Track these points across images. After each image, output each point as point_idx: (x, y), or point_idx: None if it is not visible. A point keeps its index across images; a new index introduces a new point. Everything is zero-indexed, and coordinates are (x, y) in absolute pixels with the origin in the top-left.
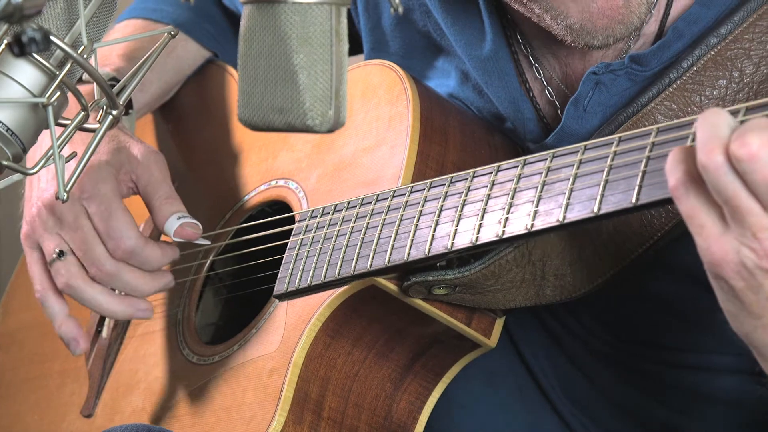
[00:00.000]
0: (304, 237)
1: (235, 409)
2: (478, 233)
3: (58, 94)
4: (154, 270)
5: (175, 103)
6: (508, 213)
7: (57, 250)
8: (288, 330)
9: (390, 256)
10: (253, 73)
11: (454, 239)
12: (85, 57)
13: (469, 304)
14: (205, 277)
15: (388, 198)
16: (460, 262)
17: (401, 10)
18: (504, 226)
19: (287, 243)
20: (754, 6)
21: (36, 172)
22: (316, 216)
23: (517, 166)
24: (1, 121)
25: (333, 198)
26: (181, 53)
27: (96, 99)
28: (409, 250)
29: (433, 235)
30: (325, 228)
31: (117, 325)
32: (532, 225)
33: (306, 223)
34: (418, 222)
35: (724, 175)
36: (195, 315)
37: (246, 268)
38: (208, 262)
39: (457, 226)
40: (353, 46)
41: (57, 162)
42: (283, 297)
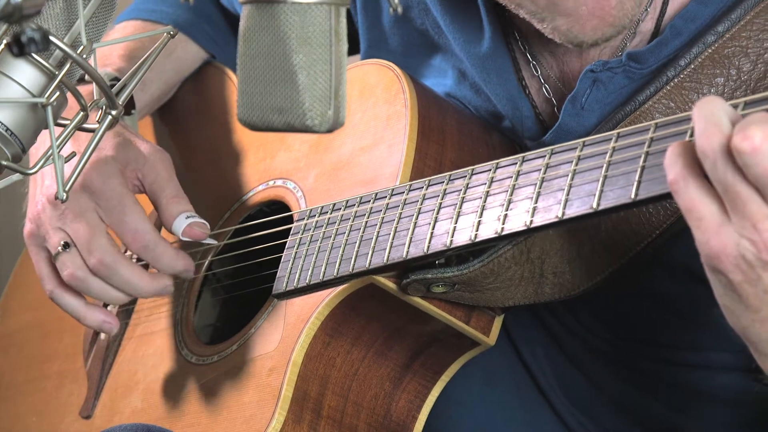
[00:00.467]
0: (302, 236)
1: (234, 409)
2: (477, 230)
3: (58, 94)
4: (162, 270)
5: (173, 104)
6: (507, 210)
7: (62, 243)
8: (287, 329)
9: (389, 254)
10: (252, 73)
11: (452, 237)
12: (85, 57)
13: (468, 302)
14: (203, 278)
15: (386, 196)
16: (459, 260)
17: (400, 10)
18: (503, 223)
19: (285, 243)
20: (752, 3)
21: (35, 173)
22: (315, 215)
23: (516, 163)
24: (0, 121)
25: (331, 197)
26: (181, 54)
27: (95, 99)
28: (408, 247)
29: (431, 232)
30: (324, 227)
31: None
32: (531, 221)
33: (304, 222)
34: (416, 220)
35: (723, 160)
36: (194, 315)
37: (244, 268)
38: (207, 263)
39: (455, 223)
40: (352, 46)
41: (56, 162)
42: (282, 296)
